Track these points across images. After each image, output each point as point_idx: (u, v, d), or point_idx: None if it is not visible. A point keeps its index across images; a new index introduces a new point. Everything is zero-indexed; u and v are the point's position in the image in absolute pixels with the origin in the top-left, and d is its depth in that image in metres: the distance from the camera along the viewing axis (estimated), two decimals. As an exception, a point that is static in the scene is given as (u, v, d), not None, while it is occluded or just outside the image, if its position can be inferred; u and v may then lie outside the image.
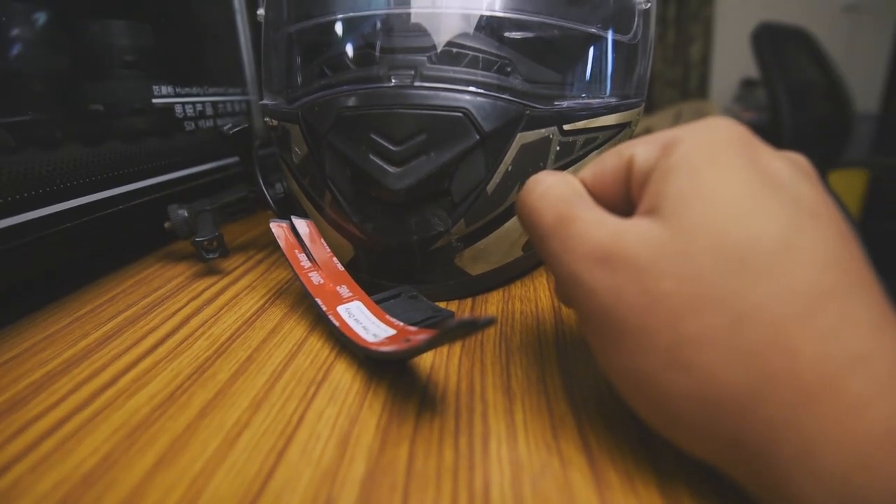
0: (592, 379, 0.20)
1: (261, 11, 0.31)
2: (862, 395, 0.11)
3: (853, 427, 0.11)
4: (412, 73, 0.24)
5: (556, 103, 0.26)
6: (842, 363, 0.12)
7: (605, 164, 0.17)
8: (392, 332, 0.22)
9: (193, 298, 0.29)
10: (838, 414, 0.11)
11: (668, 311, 0.13)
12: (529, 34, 0.26)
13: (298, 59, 0.30)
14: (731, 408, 0.12)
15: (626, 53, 0.29)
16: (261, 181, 0.34)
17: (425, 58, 0.24)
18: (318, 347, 0.23)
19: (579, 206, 0.16)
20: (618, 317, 0.14)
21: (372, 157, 0.24)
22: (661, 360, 0.13)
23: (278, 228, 0.26)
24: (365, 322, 0.23)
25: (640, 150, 0.16)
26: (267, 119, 0.30)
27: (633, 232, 0.14)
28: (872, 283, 0.13)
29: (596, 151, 0.27)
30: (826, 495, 0.11)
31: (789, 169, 0.14)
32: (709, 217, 0.13)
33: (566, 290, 0.16)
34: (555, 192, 0.17)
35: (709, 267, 0.13)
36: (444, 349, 0.23)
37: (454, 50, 0.25)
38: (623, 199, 0.16)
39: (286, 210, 0.31)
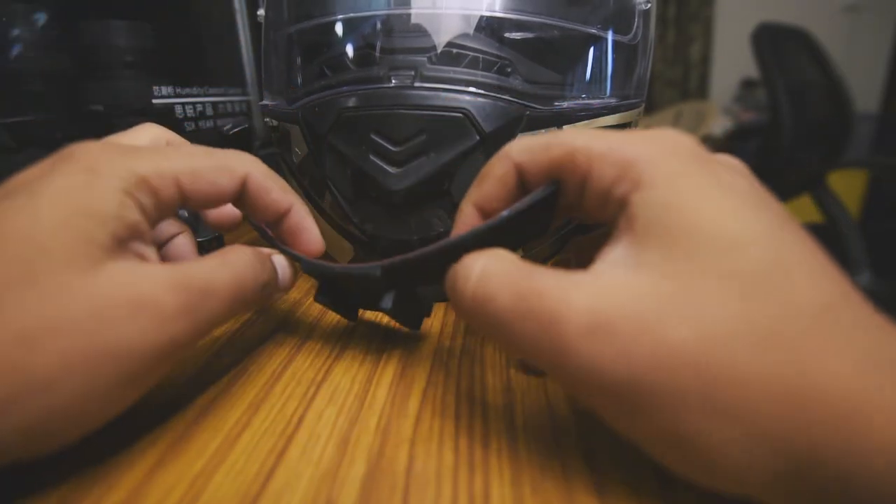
0: (592, 379, 0.20)
1: (261, 12, 0.31)
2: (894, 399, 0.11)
3: None
4: (412, 73, 0.24)
5: (556, 104, 0.26)
6: (864, 369, 0.11)
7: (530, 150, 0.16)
8: None
9: (193, 299, 0.29)
10: (881, 422, 0.11)
11: (694, 357, 0.12)
12: (529, 35, 0.26)
13: (299, 60, 0.30)
14: (775, 439, 0.12)
15: (626, 54, 0.29)
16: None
17: (425, 58, 0.25)
18: (318, 348, 0.23)
19: (535, 276, 0.14)
20: (633, 380, 0.12)
21: (372, 157, 0.24)
22: (697, 412, 0.12)
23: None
24: None
25: (597, 168, 0.15)
26: (267, 119, 0.30)
27: (623, 288, 0.13)
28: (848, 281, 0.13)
29: (596, 152, 0.27)
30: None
31: (739, 175, 0.15)
32: (702, 253, 0.13)
33: (558, 372, 0.14)
34: (495, 269, 0.15)
35: (723, 302, 0.12)
36: (444, 350, 0.23)
37: (454, 50, 0.25)
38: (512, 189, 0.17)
39: None
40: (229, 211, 0.23)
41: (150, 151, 0.17)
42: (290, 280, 0.22)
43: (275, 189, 0.20)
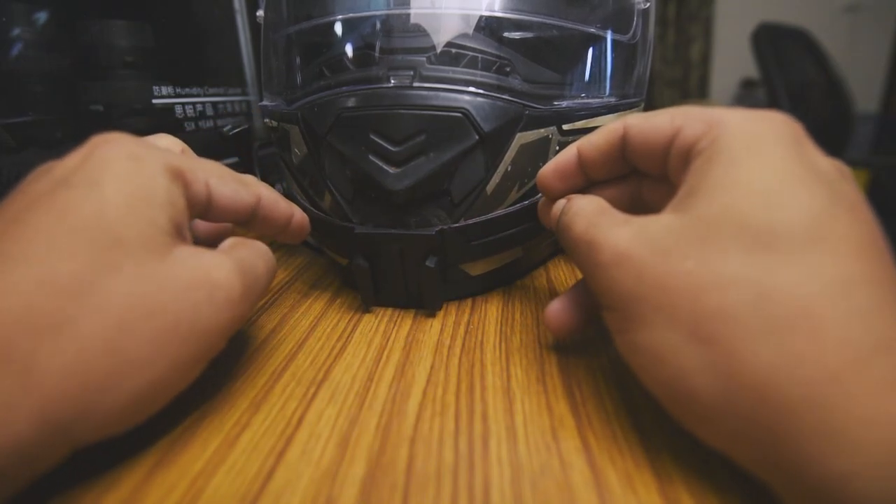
0: (592, 379, 0.20)
1: (260, 13, 0.31)
2: (890, 378, 0.11)
3: (885, 407, 0.11)
4: (411, 73, 0.24)
5: (555, 103, 0.26)
6: (869, 347, 0.12)
7: (643, 121, 0.18)
8: None
9: (193, 299, 0.29)
10: (868, 392, 0.11)
11: (691, 286, 0.14)
12: (528, 34, 0.26)
13: (298, 60, 0.30)
14: (748, 383, 0.13)
15: (625, 53, 0.29)
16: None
17: (424, 58, 0.25)
18: (317, 348, 0.23)
19: (602, 215, 0.18)
20: (640, 295, 0.15)
21: (371, 157, 0.24)
22: (682, 334, 0.14)
23: None
24: None
25: (688, 125, 0.17)
26: (266, 120, 0.30)
27: (656, 223, 0.15)
28: None
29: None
30: (860, 471, 0.11)
31: (834, 168, 0.15)
32: (736, 204, 0.14)
33: (594, 282, 0.17)
34: (583, 208, 0.19)
35: (733, 248, 0.13)
36: (444, 350, 0.23)
37: (453, 50, 0.25)
38: (620, 162, 0.19)
39: None
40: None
41: (180, 152, 0.18)
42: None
43: (281, 200, 0.22)
